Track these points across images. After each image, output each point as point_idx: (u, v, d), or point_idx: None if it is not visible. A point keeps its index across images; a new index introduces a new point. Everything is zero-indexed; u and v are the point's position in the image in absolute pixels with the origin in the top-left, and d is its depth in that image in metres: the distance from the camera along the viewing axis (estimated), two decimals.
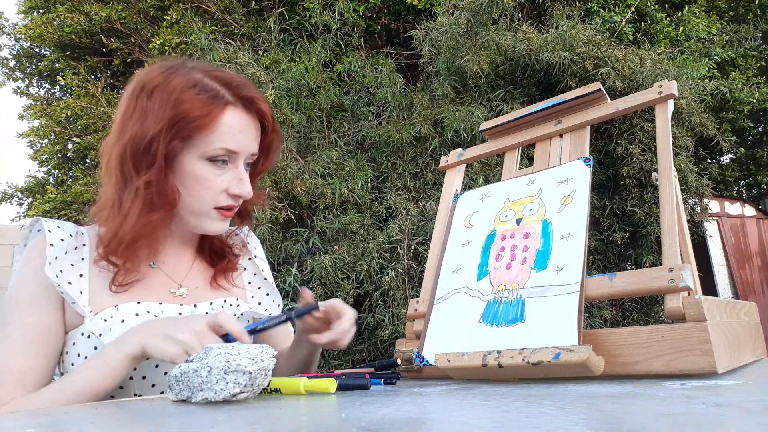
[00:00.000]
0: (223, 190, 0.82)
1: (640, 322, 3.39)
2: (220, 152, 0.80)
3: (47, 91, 6.88)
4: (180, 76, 0.80)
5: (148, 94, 0.79)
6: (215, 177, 0.81)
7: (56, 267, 0.77)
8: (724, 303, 0.64)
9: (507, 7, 3.38)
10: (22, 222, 6.01)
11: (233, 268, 0.95)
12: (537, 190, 0.80)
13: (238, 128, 0.81)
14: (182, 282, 0.88)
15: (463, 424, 0.36)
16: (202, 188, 0.81)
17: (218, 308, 0.88)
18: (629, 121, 3.37)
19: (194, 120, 0.77)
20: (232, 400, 0.54)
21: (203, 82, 0.80)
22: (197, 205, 0.82)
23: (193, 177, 0.80)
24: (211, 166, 0.80)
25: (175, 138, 0.77)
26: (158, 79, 0.80)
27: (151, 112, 0.78)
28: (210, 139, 0.79)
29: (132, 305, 0.79)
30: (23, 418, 0.52)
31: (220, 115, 0.79)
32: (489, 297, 0.73)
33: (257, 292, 1.00)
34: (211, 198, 0.82)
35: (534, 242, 0.74)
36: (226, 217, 0.85)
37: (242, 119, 0.82)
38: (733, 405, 0.38)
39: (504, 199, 0.84)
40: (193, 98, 0.78)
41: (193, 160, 0.80)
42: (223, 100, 0.80)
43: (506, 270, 0.74)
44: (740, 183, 8.19)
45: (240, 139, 0.81)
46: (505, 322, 0.68)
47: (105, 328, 0.76)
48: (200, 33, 3.54)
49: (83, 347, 0.77)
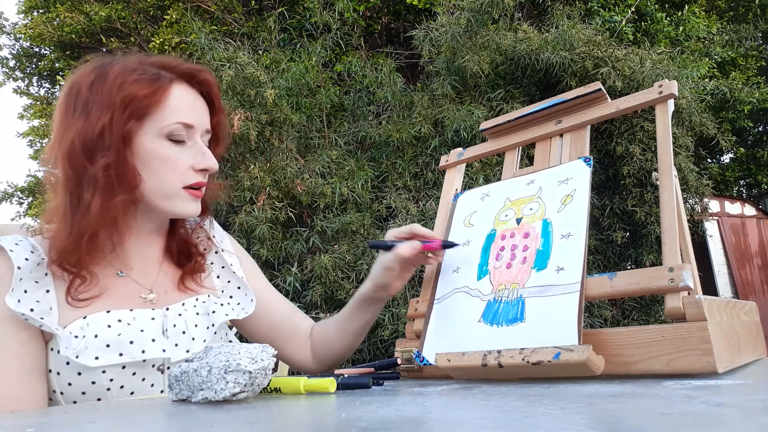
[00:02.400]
0: (189, 167, 0.81)
1: (640, 322, 3.39)
2: (177, 127, 0.79)
3: (47, 91, 6.88)
4: (116, 66, 0.78)
5: (87, 89, 0.76)
6: (177, 154, 0.79)
7: (19, 290, 0.73)
8: (724, 303, 0.64)
9: (507, 7, 3.38)
10: (22, 221, 6.00)
11: (201, 269, 0.92)
12: (537, 190, 0.80)
13: (189, 101, 0.81)
14: (152, 287, 0.86)
15: (463, 424, 0.36)
16: (167, 167, 0.79)
17: (190, 308, 0.85)
18: (629, 120, 3.37)
19: (144, 98, 0.76)
20: (232, 400, 0.54)
21: (142, 67, 0.79)
22: (165, 187, 0.80)
23: (155, 156, 0.78)
24: (171, 144, 0.79)
25: (130, 119, 0.76)
26: (93, 75, 0.78)
27: (94, 104, 0.75)
28: (164, 115, 0.78)
29: (101, 315, 0.76)
30: (23, 418, 0.52)
31: (168, 90, 0.78)
32: (489, 296, 0.73)
33: (227, 286, 0.95)
34: (178, 177, 0.80)
35: (534, 242, 0.74)
36: (197, 197, 0.83)
37: (190, 93, 0.82)
38: (733, 405, 0.38)
39: (504, 199, 0.84)
40: (138, 79, 0.77)
41: (152, 139, 0.78)
42: (167, 78, 0.80)
43: (506, 269, 0.74)
44: (740, 183, 8.19)
45: (193, 113, 0.81)
46: (505, 321, 0.68)
47: (81, 348, 0.72)
48: (200, 32, 3.53)
49: (55, 363, 0.74)
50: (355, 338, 0.96)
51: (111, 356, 0.74)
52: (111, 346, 0.74)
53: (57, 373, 0.74)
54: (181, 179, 0.80)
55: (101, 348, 0.73)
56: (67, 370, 0.73)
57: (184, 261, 0.91)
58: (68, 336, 0.73)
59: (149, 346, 0.77)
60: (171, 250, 0.91)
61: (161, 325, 0.81)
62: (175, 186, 0.80)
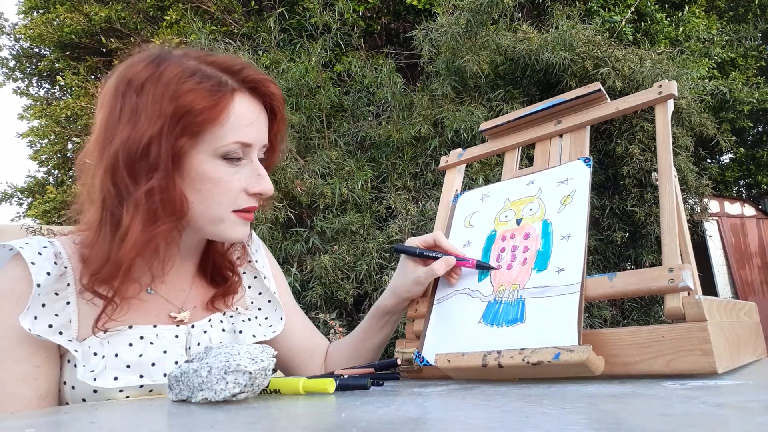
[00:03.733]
0: (242, 190, 0.73)
1: (640, 322, 3.39)
2: (234, 147, 0.71)
3: (47, 91, 6.88)
4: (172, 65, 0.70)
5: (137, 91, 0.68)
6: (231, 176, 0.72)
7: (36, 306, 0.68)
8: (724, 303, 0.64)
9: (507, 7, 3.38)
10: (22, 222, 6.00)
11: (234, 291, 0.86)
12: (537, 190, 0.80)
13: (251, 117, 0.73)
14: (183, 305, 0.80)
15: (463, 424, 0.36)
16: (218, 190, 0.71)
17: (216, 324, 0.82)
18: (629, 121, 3.37)
19: (201, 112, 0.68)
20: (232, 400, 0.54)
21: (202, 70, 0.71)
22: (215, 211, 0.72)
23: (207, 179, 0.70)
24: (226, 164, 0.71)
25: (183, 135, 0.68)
26: (146, 72, 0.69)
27: (144, 110, 0.67)
28: (222, 133, 0.70)
29: (123, 331, 0.72)
30: (23, 418, 0.52)
31: (229, 104, 0.70)
32: (489, 297, 0.73)
33: (257, 298, 0.91)
34: (229, 200, 0.72)
35: (534, 242, 0.74)
36: (247, 220, 0.76)
37: (252, 106, 0.74)
38: (733, 405, 0.38)
39: (504, 200, 0.84)
40: (195, 88, 0.68)
41: (206, 159, 0.70)
42: (229, 87, 0.71)
43: (507, 270, 0.74)
44: (740, 183, 8.19)
45: (253, 130, 0.73)
46: (506, 322, 0.68)
47: (100, 368, 0.68)
48: (200, 33, 3.53)
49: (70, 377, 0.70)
50: (372, 357, 0.91)
51: (131, 378, 0.70)
52: (131, 367, 0.70)
53: (72, 387, 0.69)
54: (232, 203, 0.73)
55: (121, 369, 0.70)
56: (83, 386, 0.69)
57: (218, 279, 0.85)
58: (87, 351, 0.69)
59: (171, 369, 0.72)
60: (206, 267, 0.85)
61: (185, 342, 0.77)
62: (225, 210, 0.73)
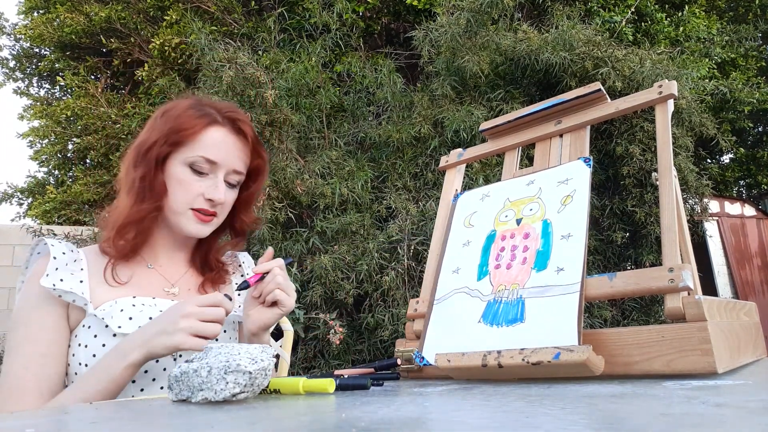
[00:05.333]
0: (199, 194, 0.93)
1: (640, 322, 3.38)
2: (199, 159, 0.93)
3: (47, 92, 6.88)
4: (187, 101, 0.98)
5: (161, 116, 0.97)
6: (194, 182, 0.93)
7: (55, 276, 0.86)
8: (724, 303, 0.64)
9: (507, 7, 3.38)
10: (22, 222, 6.01)
11: (222, 280, 1.04)
12: (537, 190, 0.80)
13: (219, 142, 0.94)
14: (175, 283, 0.98)
15: (463, 424, 0.36)
16: (181, 189, 0.93)
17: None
18: (629, 121, 3.37)
19: (183, 130, 0.93)
20: (232, 400, 0.54)
21: (199, 105, 0.96)
22: (176, 205, 0.93)
23: (176, 179, 0.93)
24: (192, 172, 0.93)
25: (166, 143, 0.92)
26: (172, 105, 0.98)
27: (157, 127, 0.95)
28: (193, 147, 0.93)
29: (128, 299, 0.89)
30: (23, 418, 0.52)
31: (204, 129, 0.94)
32: (489, 297, 0.73)
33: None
34: (187, 199, 0.93)
35: (534, 242, 0.74)
36: (203, 221, 0.95)
37: (226, 137, 0.96)
38: (733, 405, 0.38)
39: (504, 199, 0.84)
40: (188, 114, 0.94)
41: (178, 165, 0.93)
42: (210, 118, 0.95)
43: (506, 270, 0.74)
44: (740, 183, 8.19)
45: (219, 152, 0.94)
46: (505, 322, 0.68)
47: (106, 314, 0.86)
48: (200, 33, 3.53)
49: (84, 337, 0.86)
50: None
51: (132, 327, 0.85)
52: (133, 319, 0.86)
53: (85, 346, 0.85)
54: (189, 201, 0.93)
55: (125, 320, 0.86)
56: (94, 343, 0.85)
57: (207, 270, 1.04)
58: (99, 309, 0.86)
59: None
60: (197, 260, 1.04)
61: None
62: (183, 206, 0.93)
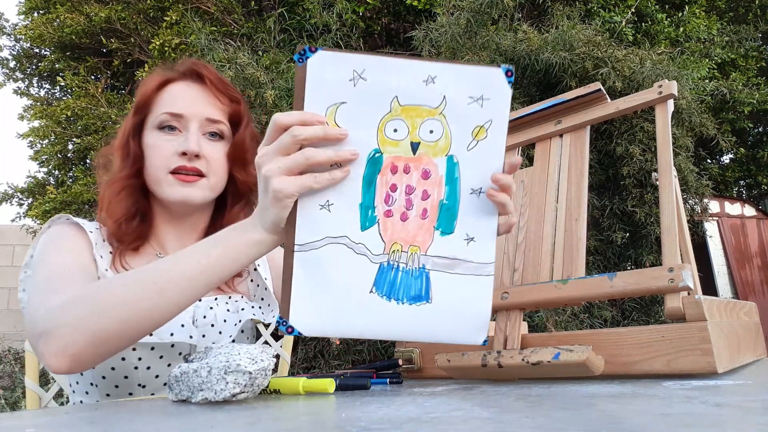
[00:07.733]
0: (174, 153, 0.85)
1: (640, 322, 3.38)
2: (165, 117, 0.86)
3: (47, 92, 6.87)
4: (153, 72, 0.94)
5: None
6: (165, 143, 0.86)
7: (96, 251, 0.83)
8: (724, 303, 0.65)
9: (507, 7, 3.38)
10: (22, 222, 6.00)
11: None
12: (440, 99, 0.57)
13: (180, 94, 0.88)
14: None
15: (463, 424, 0.36)
16: (155, 155, 0.86)
17: (222, 304, 0.91)
18: (629, 121, 3.37)
19: (147, 97, 0.89)
20: (232, 400, 0.54)
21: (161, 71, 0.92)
22: (154, 173, 0.86)
23: (149, 146, 0.87)
24: (161, 133, 0.87)
25: (137, 114, 0.90)
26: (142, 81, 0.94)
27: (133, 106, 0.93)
28: (157, 109, 0.88)
29: None
30: (24, 418, 0.52)
31: (163, 87, 0.89)
32: (381, 259, 0.56)
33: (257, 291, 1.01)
34: (163, 163, 0.85)
35: (437, 188, 0.57)
36: (186, 182, 0.85)
37: (188, 87, 0.89)
38: (733, 405, 0.38)
39: (391, 96, 0.56)
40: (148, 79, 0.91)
41: (150, 132, 0.88)
42: (166, 76, 0.90)
43: (401, 223, 0.57)
44: (740, 183, 8.19)
45: (183, 103, 0.87)
46: (408, 298, 0.56)
47: None
48: (200, 33, 3.53)
49: None
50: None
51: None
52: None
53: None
54: (165, 165, 0.85)
55: None
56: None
57: None
58: None
59: (178, 331, 0.82)
60: None
61: (192, 314, 0.86)
62: (162, 171, 0.85)
